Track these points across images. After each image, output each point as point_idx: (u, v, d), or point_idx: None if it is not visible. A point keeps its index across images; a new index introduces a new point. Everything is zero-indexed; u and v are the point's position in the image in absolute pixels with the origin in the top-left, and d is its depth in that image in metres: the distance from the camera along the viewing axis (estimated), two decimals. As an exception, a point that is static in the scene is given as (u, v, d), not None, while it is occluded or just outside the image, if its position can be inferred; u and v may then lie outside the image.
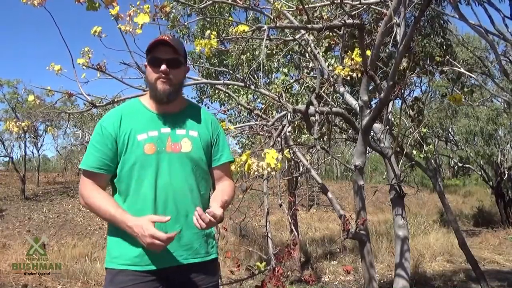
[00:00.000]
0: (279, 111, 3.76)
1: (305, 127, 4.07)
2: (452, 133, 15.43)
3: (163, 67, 1.58)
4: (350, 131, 5.26)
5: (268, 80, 7.38)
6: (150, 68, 1.62)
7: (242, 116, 7.23)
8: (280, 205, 2.25)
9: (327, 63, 4.02)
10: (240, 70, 6.68)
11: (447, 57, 4.73)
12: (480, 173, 14.76)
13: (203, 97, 8.30)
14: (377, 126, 3.46)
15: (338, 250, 9.10)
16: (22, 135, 14.85)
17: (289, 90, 6.02)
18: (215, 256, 1.69)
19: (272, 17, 2.51)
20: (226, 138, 1.86)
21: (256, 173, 1.68)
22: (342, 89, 3.48)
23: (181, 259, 1.56)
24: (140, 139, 1.58)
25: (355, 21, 2.51)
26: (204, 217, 1.46)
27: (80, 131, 18.36)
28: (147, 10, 2.26)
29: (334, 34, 3.49)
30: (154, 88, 1.61)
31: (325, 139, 4.08)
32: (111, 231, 1.61)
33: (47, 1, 2.18)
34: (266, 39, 2.39)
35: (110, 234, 1.61)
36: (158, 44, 1.60)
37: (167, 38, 1.61)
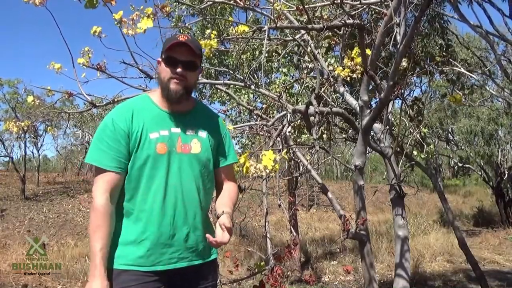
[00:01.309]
0: (280, 111, 3.76)
1: (305, 127, 4.07)
2: (452, 133, 15.44)
3: (179, 70, 1.56)
4: (350, 131, 5.26)
5: (268, 80, 7.37)
6: (165, 66, 1.58)
7: (243, 116, 7.23)
8: (279, 205, 2.25)
9: (327, 63, 4.02)
10: (240, 70, 6.69)
11: (447, 57, 4.73)
12: (480, 173, 14.77)
13: (201, 99, 8.29)
14: (377, 126, 3.46)
15: (338, 250, 9.10)
16: (22, 135, 14.85)
17: (289, 90, 6.01)
18: (215, 256, 1.69)
19: (272, 18, 2.51)
20: (233, 135, 1.86)
21: (254, 174, 1.67)
22: (342, 89, 3.48)
23: (186, 260, 1.56)
24: (153, 137, 1.55)
25: (355, 21, 2.51)
26: (214, 245, 1.52)
27: (80, 131, 18.38)
28: (150, 13, 2.24)
29: (334, 34, 3.49)
30: (166, 87, 1.58)
31: (325, 139, 4.08)
32: (115, 227, 1.56)
33: (47, 0, 2.18)
34: (267, 40, 2.39)
35: (114, 230, 1.56)
36: (177, 44, 1.57)
37: (186, 38, 1.57)
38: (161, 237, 1.52)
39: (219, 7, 6.75)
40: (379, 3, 2.92)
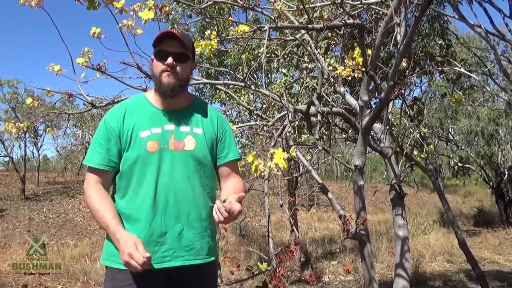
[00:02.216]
0: (280, 111, 3.76)
1: (304, 127, 4.08)
2: (452, 133, 15.45)
3: (170, 60, 1.56)
4: (350, 131, 5.26)
5: (268, 80, 7.37)
6: (156, 61, 1.60)
7: (243, 116, 7.23)
8: (281, 205, 2.25)
9: (327, 63, 4.02)
10: (240, 70, 6.68)
11: (447, 57, 4.73)
12: (480, 173, 14.77)
13: (202, 98, 8.28)
14: (377, 126, 3.46)
15: (338, 250, 9.10)
16: (22, 135, 14.85)
17: (289, 90, 6.01)
18: (215, 257, 1.67)
19: (273, 18, 2.51)
20: (233, 135, 1.82)
21: (262, 173, 1.65)
22: (342, 89, 3.48)
23: (181, 259, 1.54)
24: (143, 136, 1.56)
25: (355, 21, 2.51)
26: (223, 211, 1.42)
27: (80, 131, 18.39)
28: (151, 5, 2.24)
29: (334, 34, 3.49)
30: (159, 81, 1.58)
31: (325, 139, 4.08)
32: None
33: (45, 1, 2.18)
34: (267, 39, 2.39)
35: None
36: (166, 37, 1.58)
37: (176, 31, 1.59)
38: (152, 235, 1.51)
39: (217, 7, 6.75)
40: (379, 3, 2.92)
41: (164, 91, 1.58)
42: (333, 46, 3.90)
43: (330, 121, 3.71)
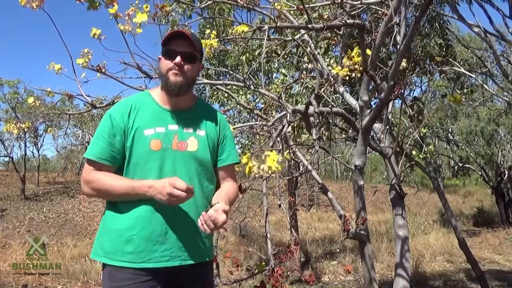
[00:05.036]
0: (279, 111, 3.76)
1: (305, 127, 4.07)
2: (452, 133, 15.46)
3: (178, 59, 1.55)
4: (350, 131, 5.27)
5: (268, 80, 7.38)
6: (164, 59, 1.59)
7: (242, 116, 7.23)
8: (280, 206, 2.25)
9: (326, 63, 4.02)
10: (240, 70, 6.68)
11: (447, 57, 4.73)
12: (480, 173, 14.78)
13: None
14: (377, 126, 3.46)
15: (338, 250, 9.11)
16: (22, 135, 14.86)
17: (289, 90, 6.01)
18: (211, 257, 1.67)
19: (273, 17, 2.51)
20: (234, 138, 1.82)
21: (257, 175, 1.66)
22: (342, 89, 3.48)
23: (178, 259, 1.54)
24: (147, 134, 1.56)
25: (355, 21, 2.51)
26: (209, 223, 1.44)
27: (80, 131, 18.39)
28: (146, 9, 2.25)
29: (334, 34, 3.50)
30: (166, 78, 1.58)
31: (325, 139, 4.08)
32: (106, 222, 1.57)
33: (46, 2, 2.18)
34: (267, 39, 2.39)
35: (105, 225, 1.57)
36: (176, 36, 1.58)
37: (186, 31, 1.59)
38: (152, 234, 1.51)
39: (217, 7, 6.74)
40: (379, 3, 2.92)
41: (171, 89, 1.58)
42: (333, 46, 3.90)
43: (330, 121, 3.71)
